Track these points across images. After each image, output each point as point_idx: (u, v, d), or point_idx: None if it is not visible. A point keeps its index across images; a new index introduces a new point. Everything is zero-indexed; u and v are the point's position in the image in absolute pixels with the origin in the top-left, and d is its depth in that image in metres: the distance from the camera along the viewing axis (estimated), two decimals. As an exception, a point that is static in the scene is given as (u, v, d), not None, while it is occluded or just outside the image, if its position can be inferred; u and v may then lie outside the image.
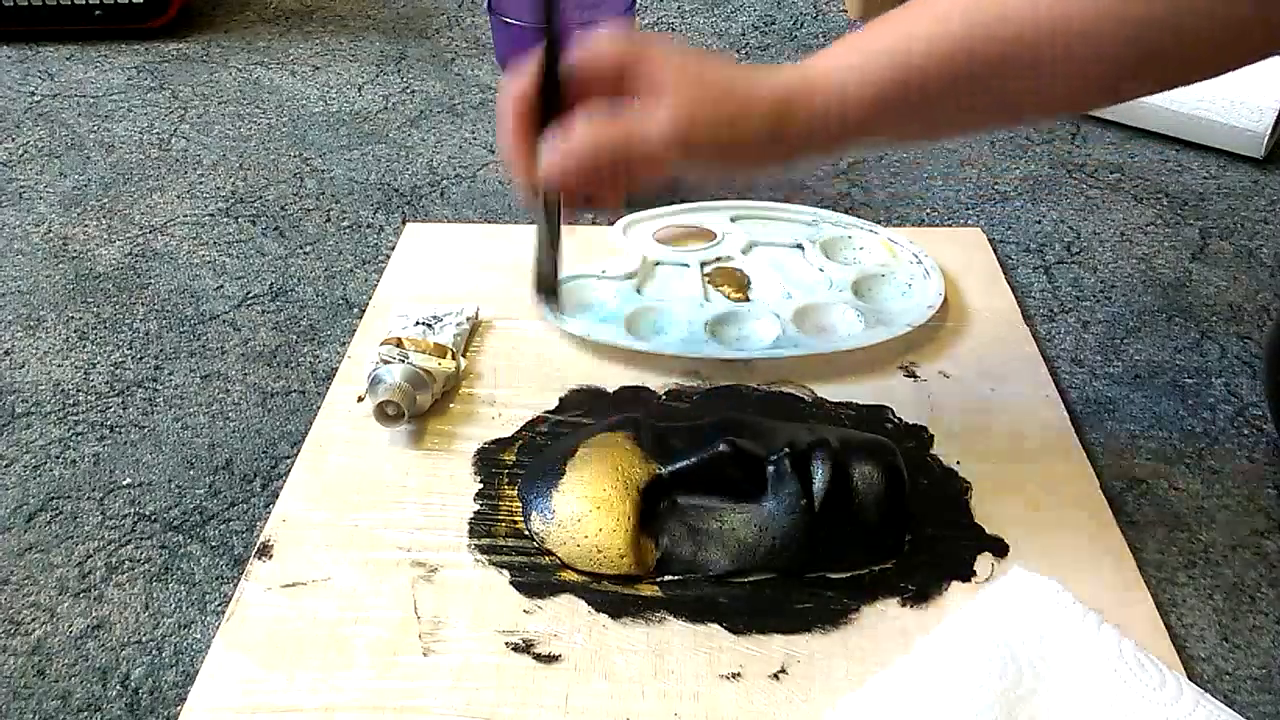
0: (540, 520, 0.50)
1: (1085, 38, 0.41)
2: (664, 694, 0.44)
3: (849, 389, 0.59)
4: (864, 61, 0.44)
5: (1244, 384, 0.60)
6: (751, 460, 0.49)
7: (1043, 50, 0.42)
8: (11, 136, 0.88)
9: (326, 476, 0.54)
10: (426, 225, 0.74)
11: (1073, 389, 0.60)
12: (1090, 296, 0.68)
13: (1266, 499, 0.53)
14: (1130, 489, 0.54)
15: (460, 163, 0.83)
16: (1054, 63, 0.42)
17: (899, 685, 0.43)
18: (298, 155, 0.84)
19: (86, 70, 0.98)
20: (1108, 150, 0.84)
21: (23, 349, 0.64)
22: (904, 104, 0.44)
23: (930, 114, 0.45)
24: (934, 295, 0.64)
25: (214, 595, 0.49)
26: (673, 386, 0.59)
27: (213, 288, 0.69)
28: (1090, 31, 0.41)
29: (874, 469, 0.49)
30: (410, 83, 0.96)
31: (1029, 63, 0.43)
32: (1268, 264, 0.71)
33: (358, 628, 0.46)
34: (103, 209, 0.78)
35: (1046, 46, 0.42)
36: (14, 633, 0.47)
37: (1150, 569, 0.49)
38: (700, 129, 0.42)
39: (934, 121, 0.47)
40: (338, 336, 0.65)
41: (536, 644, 0.45)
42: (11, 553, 0.51)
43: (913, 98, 0.44)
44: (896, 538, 0.49)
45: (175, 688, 0.45)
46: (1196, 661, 0.45)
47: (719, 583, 0.48)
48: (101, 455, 0.56)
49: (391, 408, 0.54)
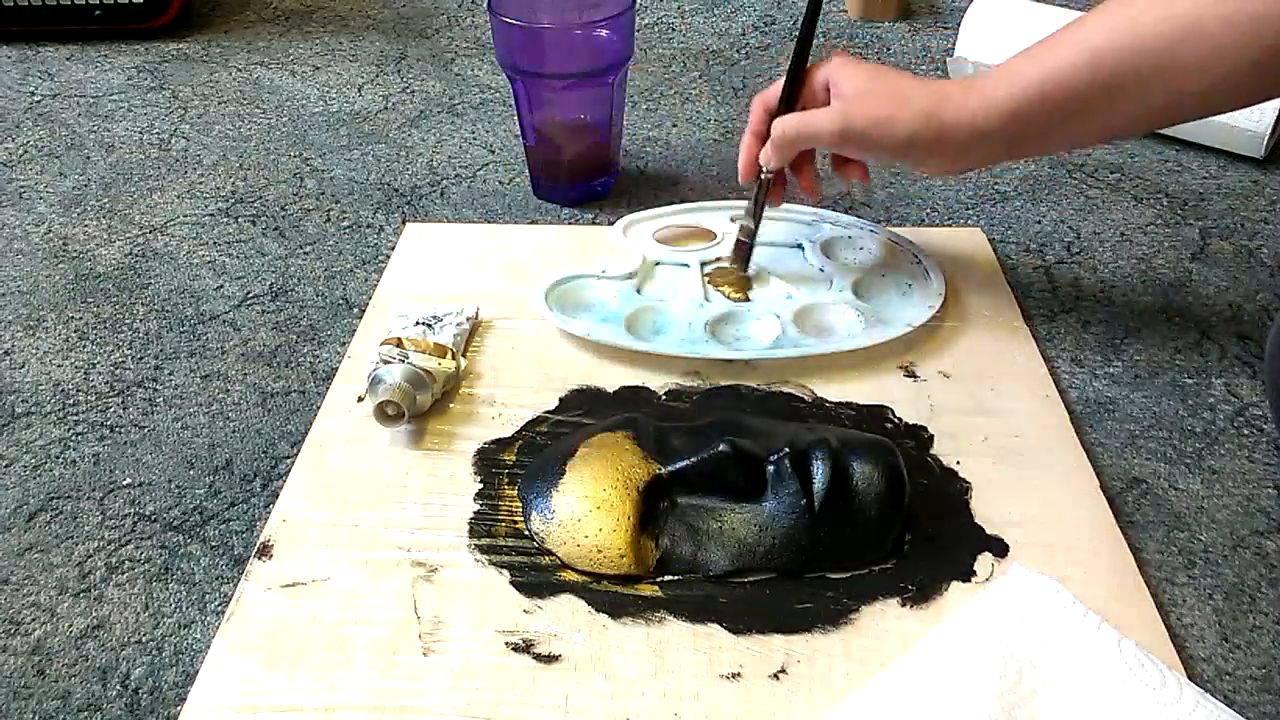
0: (540, 520, 0.50)
1: (1216, 38, 0.47)
2: (664, 694, 0.44)
3: (849, 389, 0.59)
4: (1011, 77, 0.53)
5: (1244, 384, 0.60)
6: (751, 460, 0.49)
7: (1177, 53, 0.48)
8: (11, 136, 0.88)
9: (326, 476, 0.54)
10: (426, 225, 0.75)
11: (1073, 389, 0.60)
12: (1090, 296, 0.68)
13: (1266, 499, 0.53)
14: (1130, 489, 0.54)
15: (460, 163, 0.83)
16: (1187, 65, 0.48)
17: (899, 685, 0.43)
18: (298, 155, 0.84)
19: (86, 70, 0.98)
20: (1108, 150, 0.84)
21: (23, 349, 0.64)
22: (1043, 113, 0.52)
23: (1069, 122, 0.53)
24: (934, 295, 0.64)
25: (214, 595, 0.49)
26: (673, 386, 0.59)
27: (213, 288, 0.69)
28: (1221, 32, 0.46)
29: (874, 469, 0.49)
30: (410, 83, 0.96)
31: (1165, 67, 0.49)
32: (1268, 264, 0.71)
33: (358, 628, 0.46)
34: (103, 209, 0.78)
35: (1181, 48, 0.48)
36: (14, 633, 0.47)
37: (1150, 569, 0.49)
38: (856, 122, 0.56)
39: (1074, 130, 0.54)
40: (338, 336, 0.65)
41: (536, 644, 0.45)
42: (11, 553, 0.51)
43: (1051, 108, 0.52)
44: (896, 538, 0.49)
45: (175, 688, 0.45)
46: (1196, 661, 0.45)
47: (719, 583, 0.48)
48: (101, 455, 0.56)
49: (391, 408, 0.54)
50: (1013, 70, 0.53)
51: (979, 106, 0.53)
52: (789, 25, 1.06)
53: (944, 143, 0.55)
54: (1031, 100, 0.52)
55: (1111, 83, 0.50)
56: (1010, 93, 0.53)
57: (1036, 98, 0.52)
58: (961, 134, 0.54)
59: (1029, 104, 0.52)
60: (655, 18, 1.09)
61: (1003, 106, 0.53)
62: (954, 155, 0.56)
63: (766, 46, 1.02)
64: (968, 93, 0.54)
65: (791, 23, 1.07)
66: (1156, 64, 0.49)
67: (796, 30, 0.63)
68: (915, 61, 0.99)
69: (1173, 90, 0.50)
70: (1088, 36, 0.51)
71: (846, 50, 0.91)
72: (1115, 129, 0.56)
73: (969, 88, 0.54)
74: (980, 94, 0.54)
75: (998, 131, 0.54)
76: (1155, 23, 0.49)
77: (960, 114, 0.54)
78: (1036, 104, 0.52)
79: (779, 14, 1.09)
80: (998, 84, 0.53)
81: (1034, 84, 0.52)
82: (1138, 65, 0.49)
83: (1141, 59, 0.49)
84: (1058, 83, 0.51)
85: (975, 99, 0.54)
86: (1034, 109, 0.52)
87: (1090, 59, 0.50)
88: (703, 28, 1.06)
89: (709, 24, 1.07)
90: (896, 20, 1.07)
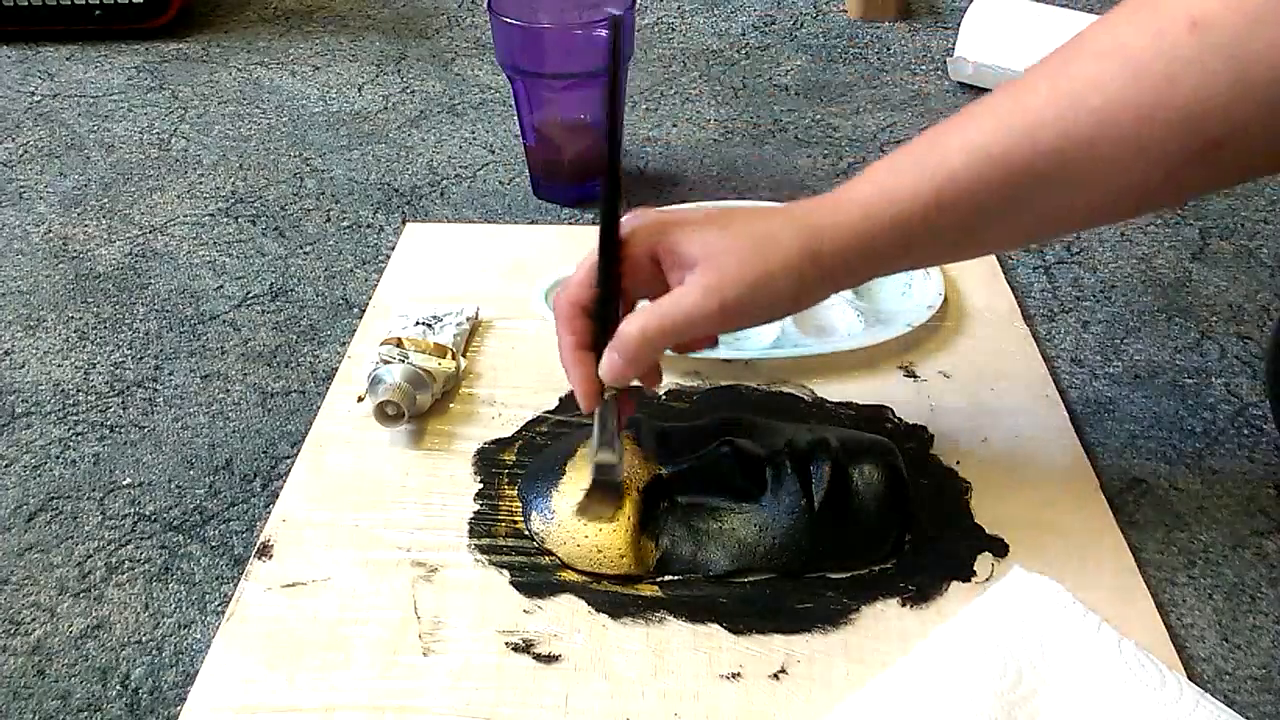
0: (540, 520, 0.50)
1: (1129, 141, 0.39)
2: (664, 694, 0.44)
3: (849, 389, 0.59)
4: (890, 193, 0.43)
5: (1244, 384, 0.60)
6: (751, 460, 0.49)
7: (1083, 160, 0.40)
8: (11, 136, 0.88)
9: (326, 476, 0.54)
10: (426, 225, 0.74)
11: (1073, 389, 0.60)
12: (1090, 296, 0.68)
13: (1266, 499, 0.53)
14: (1130, 489, 0.54)
15: (460, 163, 0.83)
16: (1094, 172, 0.40)
17: (899, 686, 0.43)
18: (298, 155, 0.84)
19: (86, 70, 0.98)
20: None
21: (23, 349, 0.64)
22: (934, 228, 0.43)
23: (964, 235, 0.44)
24: (934, 295, 0.64)
25: (214, 595, 0.49)
26: (673, 386, 0.59)
27: (213, 288, 0.69)
28: (1136, 134, 0.39)
29: (874, 469, 0.49)
30: (410, 83, 0.96)
31: (1068, 177, 0.41)
32: (1268, 264, 0.71)
33: (358, 628, 0.46)
34: (103, 209, 0.78)
35: (1086, 156, 0.40)
36: (14, 633, 0.47)
37: (1150, 569, 0.49)
38: (730, 297, 0.43)
39: (970, 242, 0.46)
40: (338, 336, 0.65)
41: (536, 644, 0.45)
42: (11, 553, 0.51)
43: (945, 222, 0.43)
44: (896, 538, 0.49)
45: (175, 688, 0.45)
46: (1196, 661, 0.45)
47: (719, 583, 0.48)
48: (101, 455, 0.56)
49: (391, 408, 0.54)
50: (881, 187, 0.44)
51: (861, 236, 0.43)
52: (789, 25, 1.06)
53: (833, 274, 0.45)
54: (924, 215, 0.43)
55: (1011, 194, 0.42)
56: (892, 212, 0.43)
57: (920, 209, 0.43)
58: (854, 268, 0.45)
59: (921, 222, 0.43)
60: (655, 18, 1.09)
61: (892, 228, 0.43)
62: (841, 283, 0.46)
63: (766, 46, 1.02)
64: (832, 221, 0.44)
65: (792, 23, 1.07)
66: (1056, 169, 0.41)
67: (796, 32, 0.59)
68: (915, 61, 0.99)
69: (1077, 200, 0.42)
70: (977, 135, 0.42)
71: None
72: (1017, 240, 0.49)
73: (833, 214, 0.44)
74: (851, 219, 0.44)
75: (889, 256, 0.45)
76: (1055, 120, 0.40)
77: (839, 249, 0.44)
78: (919, 216, 0.43)
79: (779, 14, 1.09)
80: (869, 207, 0.43)
81: (920, 198, 0.42)
82: (1042, 172, 0.41)
83: (1040, 163, 0.41)
84: (946, 191, 0.42)
85: (848, 228, 0.43)
86: (926, 227, 0.43)
87: (983, 160, 0.42)
88: (703, 28, 1.06)
89: (709, 24, 1.07)
90: (896, 20, 1.07)
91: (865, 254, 0.44)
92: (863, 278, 0.46)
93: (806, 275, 0.44)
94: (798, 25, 1.06)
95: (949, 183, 0.42)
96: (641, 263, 0.46)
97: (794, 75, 0.96)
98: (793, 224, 0.44)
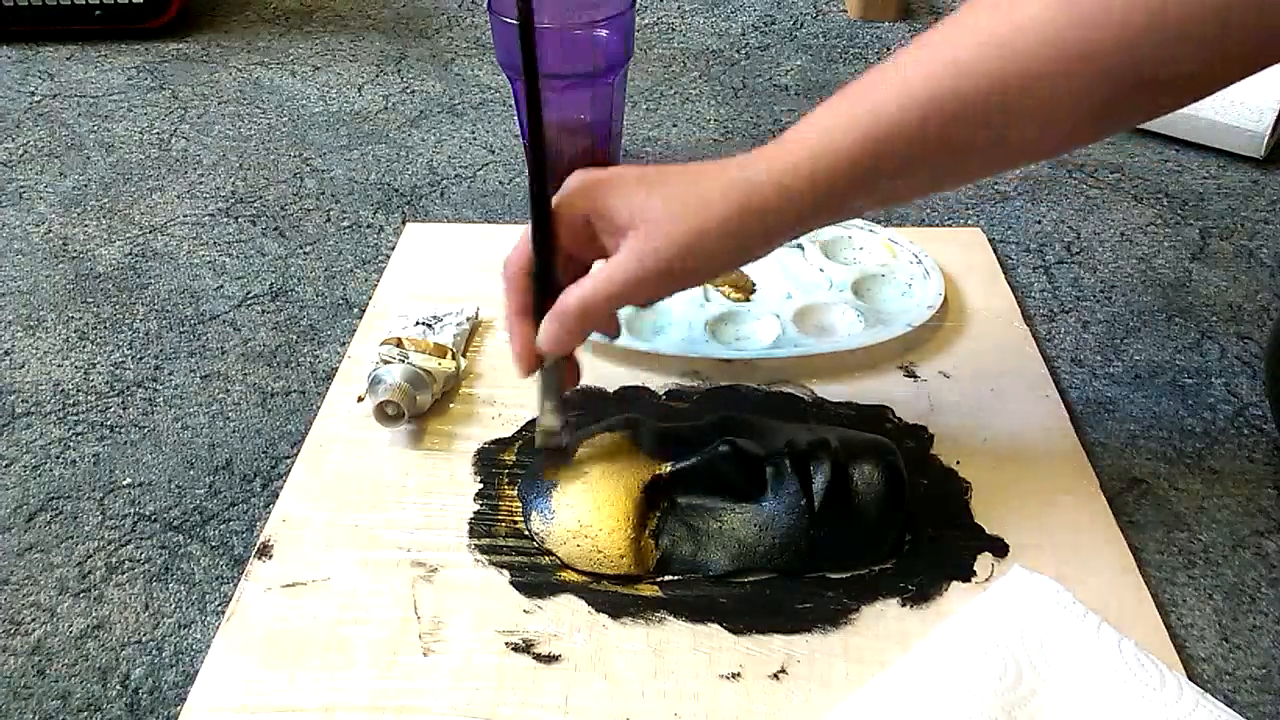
0: (540, 520, 0.50)
1: (1054, 84, 0.40)
2: (664, 694, 0.44)
3: (849, 389, 0.59)
4: (826, 139, 0.42)
5: (1244, 384, 0.60)
6: (751, 460, 0.49)
7: (1010, 102, 0.40)
8: (11, 136, 0.88)
9: (326, 476, 0.54)
10: (426, 225, 0.75)
11: (1073, 389, 0.60)
12: (1090, 296, 0.68)
13: (1266, 499, 0.53)
14: (1130, 489, 0.54)
15: (460, 163, 0.83)
16: (1023, 112, 0.41)
17: (899, 686, 0.43)
18: (298, 155, 0.84)
19: (86, 70, 0.98)
20: (1107, 150, 0.84)
21: (23, 349, 0.64)
22: (874, 172, 0.43)
23: (903, 178, 0.44)
24: (934, 295, 0.64)
25: (214, 595, 0.49)
26: (673, 386, 0.59)
27: (213, 288, 0.69)
28: (1057, 74, 0.39)
29: (874, 469, 0.49)
30: (410, 83, 0.96)
31: (996, 116, 0.41)
32: (1268, 264, 0.71)
33: (358, 628, 0.46)
34: (103, 209, 0.78)
35: (1015, 97, 0.40)
36: (14, 633, 0.47)
37: (1150, 569, 0.49)
38: (665, 260, 0.43)
39: (910, 185, 0.46)
40: (338, 336, 0.65)
41: (536, 644, 0.45)
42: (11, 553, 0.51)
43: (883, 165, 0.42)
44: (896, 538, 0.49)
45: (175, 688, 0.45)
46: (1196, 661, 0.45)
47: (719, 583, 0.48)
48: (101, 455, 0.56)
49: (391, 408, 0.54)
50: (820, 128, 0.43)
51: (796, 188, 0.43)
52: (789, 25, 1.06)
53: (770, 231, 0.44)
54: (863, 161, 0.42)
55: (945, 135, 0.42)
56: (829, 160, 0.42)
57: (859, 154, 0.42)
58: (789, 221, 0.44)
59: (860, 166, 0.42)
60: (655, 18, 1.09)
61: (828, 177, 0.42)
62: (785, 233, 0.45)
63: (766, 46, 1.02)
64: (769, 171, 0.43)
65: (792, 23, 1.07)
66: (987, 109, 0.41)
67: (796, 32, 0.59)
68: (915, 61, 0.99)
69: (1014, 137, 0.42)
70: (913, 76, 0.42)
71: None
72: (957, 180, 0.50)
73: (768, 165, 0.43)
74: (785, 171, 0.43)
75: (827, 205, 0.44)
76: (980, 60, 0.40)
77: (776, 202, 0.43)
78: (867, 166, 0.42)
79: (779, 14, 1.09)
80: (806, 154, 0.43)
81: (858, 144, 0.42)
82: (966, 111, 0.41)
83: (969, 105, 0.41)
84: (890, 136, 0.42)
85: (782, 179, 0.43)
86: (864, 172, 0.42)
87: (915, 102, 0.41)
88: (703, 28, 1.06)
89: (709, 24, 1.07)
90: (896, 20, 1.07)
91: (808, 203, 0.43)
92: (810, 225, 0.45)
93: (746, 230, 0.43)
94: (798, 25, 1.06)
95: (884, 126, 0.41)
96: (577, 226, 0.45)
97: (794, 75, 0.96)
98: (726, 180, 0.43)
